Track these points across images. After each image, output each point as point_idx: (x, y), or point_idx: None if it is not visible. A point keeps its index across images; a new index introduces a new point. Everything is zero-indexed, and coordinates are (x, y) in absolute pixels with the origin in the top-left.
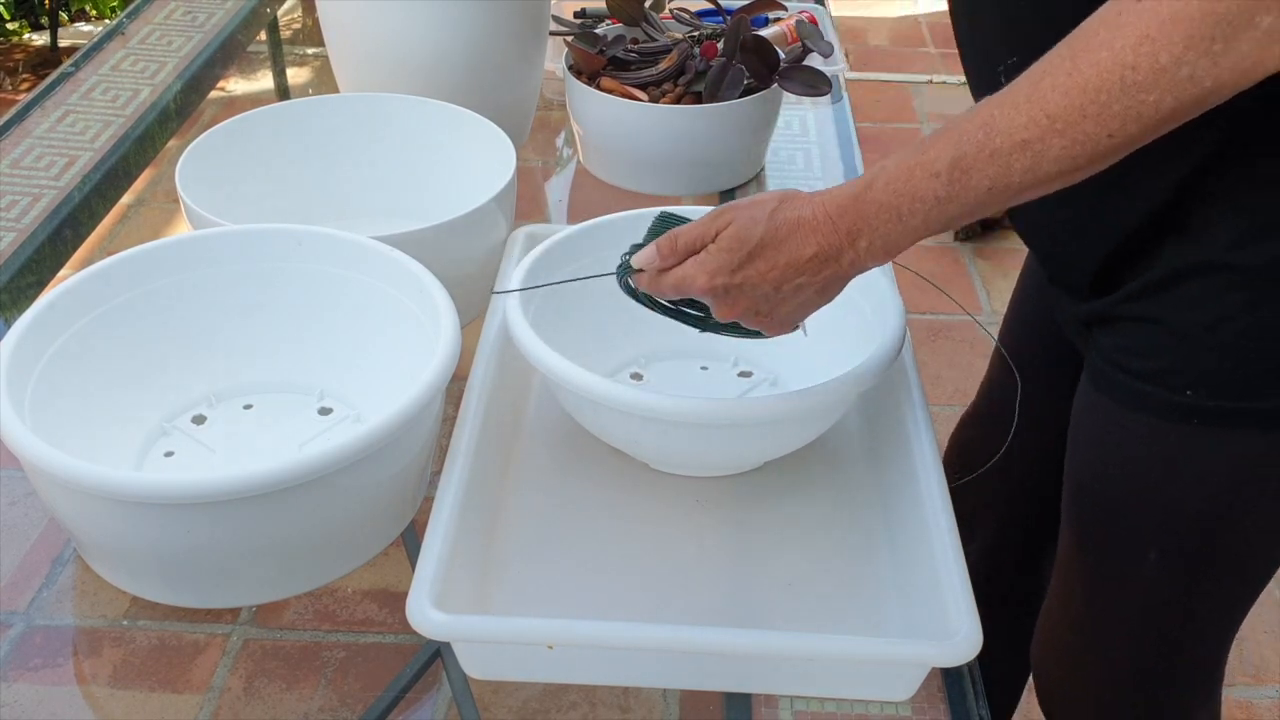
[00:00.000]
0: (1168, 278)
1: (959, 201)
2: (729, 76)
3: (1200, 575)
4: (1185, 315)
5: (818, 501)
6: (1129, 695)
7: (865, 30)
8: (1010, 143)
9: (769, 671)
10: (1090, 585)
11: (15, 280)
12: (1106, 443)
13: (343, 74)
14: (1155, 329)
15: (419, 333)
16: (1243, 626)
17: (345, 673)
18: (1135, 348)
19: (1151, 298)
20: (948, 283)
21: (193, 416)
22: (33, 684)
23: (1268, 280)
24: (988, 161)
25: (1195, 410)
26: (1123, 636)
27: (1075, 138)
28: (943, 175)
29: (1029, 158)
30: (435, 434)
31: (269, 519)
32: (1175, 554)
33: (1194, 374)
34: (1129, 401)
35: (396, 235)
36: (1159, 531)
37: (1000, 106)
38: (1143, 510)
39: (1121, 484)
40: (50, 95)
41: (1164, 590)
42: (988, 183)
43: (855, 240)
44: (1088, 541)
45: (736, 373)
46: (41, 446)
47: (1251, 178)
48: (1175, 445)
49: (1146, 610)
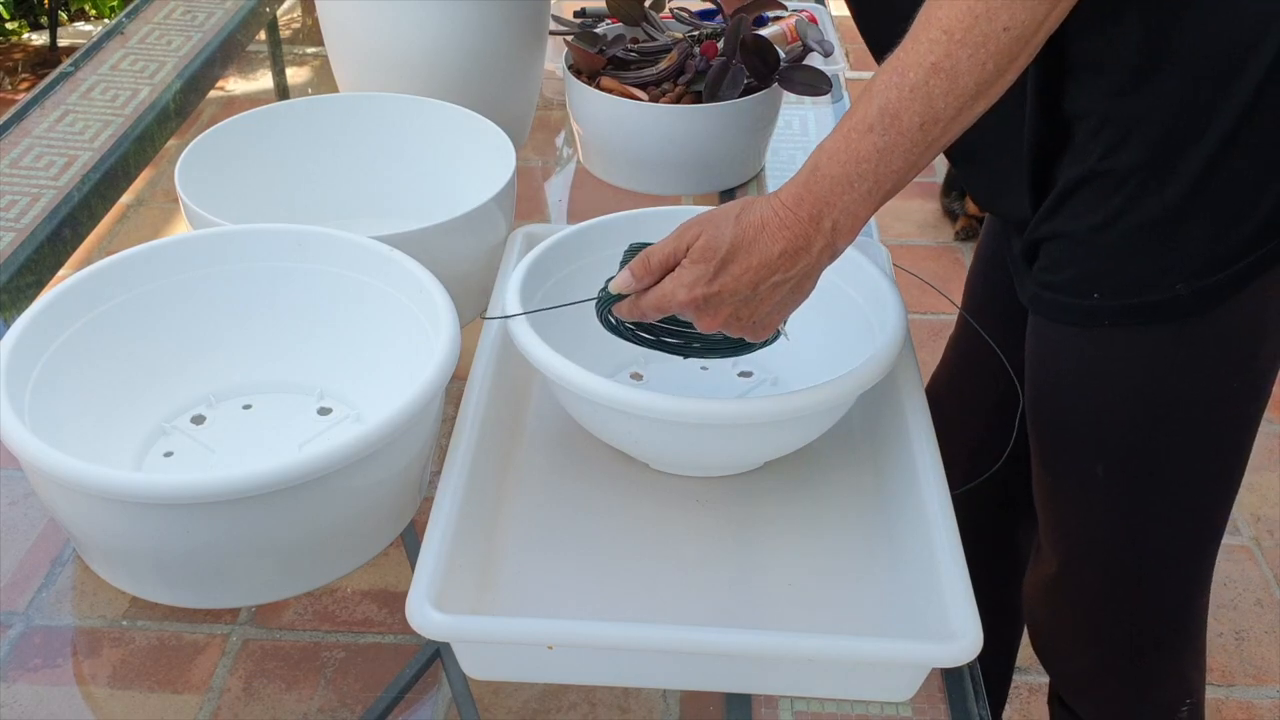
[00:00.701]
0: (1063, 193)
1: (899, 150)
2: (729, 76)
3: (1146, 486)
4: (1079, 223)
5: (818, 501)
6: (1106, 629)
7: None
8: (922, 72)
9: (769, 672)
10: (1054, 510)
11: (14, 280)
12: (1045, 361)
13: (342, 74)
14: (1063, 242)
15: (419, 333)
16: (1243, 627)
17: (345, 673)
18: (1051, 264)
19: (1055, 215)
20: (948, 282)
21: (192, 416)
22: (32, 684)
23: (1137, 182)
24: (910, 97)
25: (1103, 310)
26: (1092, 563)
27: (977, 41)
28: (875, 127)
29: (944, 79)
30: (435, 434)
31: (269, 519)
32: (1118, 465)
33: (1094, 276)
34: (1054, 315)
35: (396, 235)
36: (1101, 445)
37: (902, 48)
38: (1082, 423)
39: (1060, 398)
40: (49, 95)
41: (1117, 505)
42: (918, 119)
43: (819, 222)
44: (1047, 461)
45: (737, 373)
46: (41, 447)
47: (1103, 91)
48: (1095, 350)
49: (1107, 531)
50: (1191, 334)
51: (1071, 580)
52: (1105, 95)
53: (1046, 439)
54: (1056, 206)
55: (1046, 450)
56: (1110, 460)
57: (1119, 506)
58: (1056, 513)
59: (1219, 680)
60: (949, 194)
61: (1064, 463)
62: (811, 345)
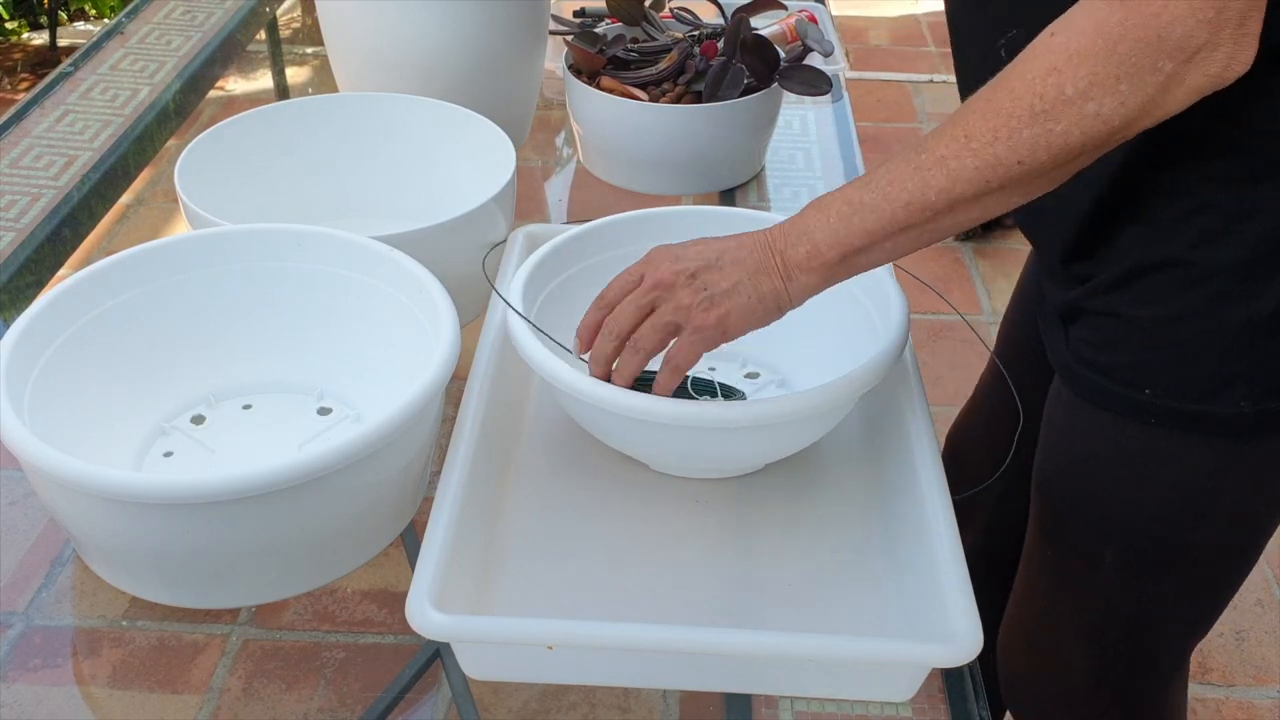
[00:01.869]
0: (1130, 271)
1: (875, 210)
2: (729, 76)
3: (1156, 578)
4: (1145, 311)
5: (818, 502)
6: (1089, 691)
7: (865, 29)
8: (931, 157)
9: (769, 672)
10: (1051, 578)
11: (14, 280)
12: (1070, 437)
13: (342, 74)
14: (1117, 323)
15: (419, 333)
16: (1243, 627)
17: (345, 673)
18: (1099, 342)
19: (1115, 291)
20: (948, 283)
21: (192, 417)
22: (32, 684)
23: (1229, 281)
24: (911, 174)
25: (1153, 410)
26: (1083, 631)
27: (987, 159)
28: (871, 183)
29: (944, 175)
30: (435, 434)
31: (268, 519)
32: (1131, 555)
33: (1151, 372)
34: (1092, 396)
35: (396, 235)
36: (1116, 531)
37: (936, 130)
38: (1101, 508)
39: (1081, 479)
40: (49, 95)
41: (1121, 590)
42: (905, 196)
43: (783, 228)
44: (1050, 535)
45: (744, 374)
46: (40, 447)
47: (1213, 175)
48: (1134, 444)
49: (1105, 607)
50: (1246, 450)
51: (1059, 644)
52: (1216, 180)
53: (1055, 513)
54: (1119, 284)
55: (1050, 521)
56: (1124, 548)
57: (1127, 590)
58: (1050, 579)
59: (1219, 680)
60: None
61: (1070, 541)
62: (817, 344)
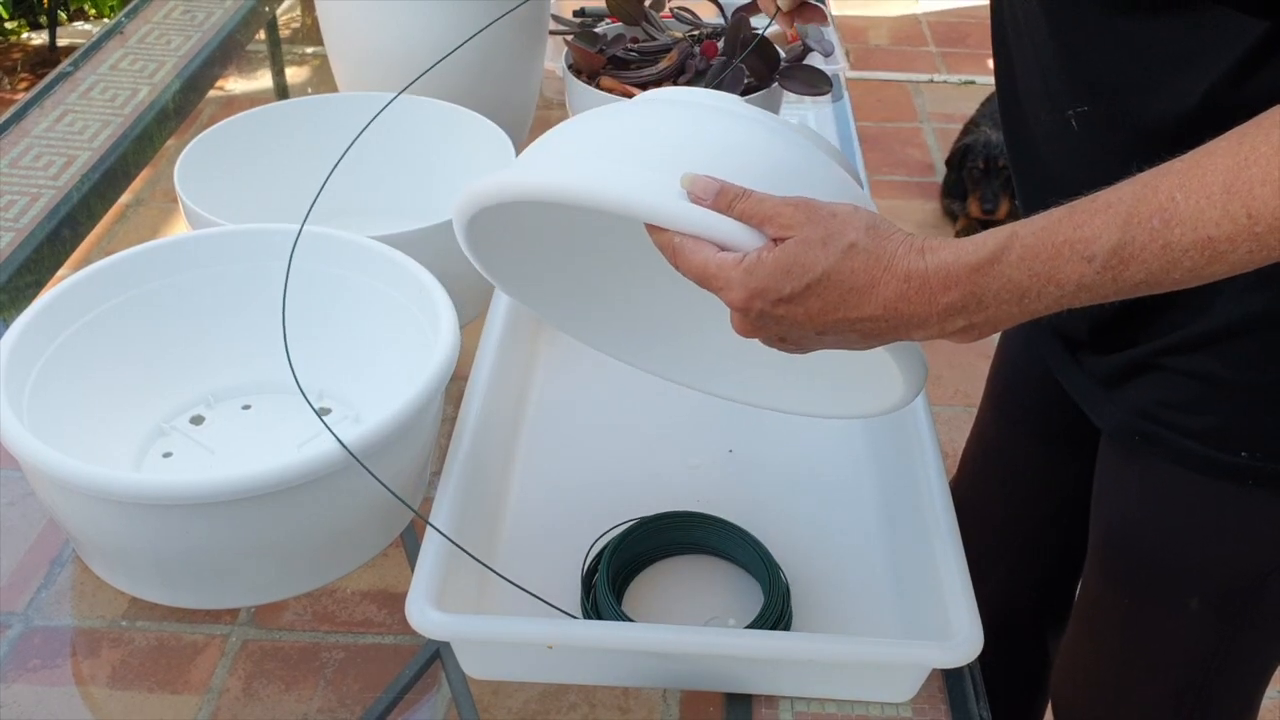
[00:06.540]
0: (1222, 331)
1: (1098, 290)
2: (729, 76)
3: (1241, 626)
4: (1244, 374)
5: (818, 502)
6: None
7: (865, 29)
8: (1192, 238)
9: (769, 673)
10: (1125, 624)
11: (13, 280)
12: (1144, 494)
13: (342, 73)
14: (1207, 386)
15: (419, 333)
16: None
17: (344, 673)
18: (1182, 403)
19: (1203, 351)
20: None
21: (191, 417)
22: (31, 684)
23: None
24: (1158, 254)
25: (1250, 472)
26: (1156, 676)
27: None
28: (1097, 260)
29: (1204, 257)
30: (435, 434)
31: (268, 520)
32: (1217, 604)
33: (1252, 436)
34: (1173, 457)
35: (396, 235)
36: (1202, 581)
37: (1185, 190)
38: (1185, 561)
39: (1162, 534)
40: (49, 95)
41: (1202, 636)
42: (1143, 275)
43: (951, 317)
44: (1123, 584)
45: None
46: (40, 447)
47: None
48: (1226, 504)
49: (1182, 653)
50: None
51: (1129, 688)
52: None
53: (1131, 563)
54: (1207, 344)
55: (1124, 571)
56: (1210, 598)
57: (1207, 635)
58: (1124, 625)
59: None
60: (949, 194)
61: (1151, 590)
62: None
